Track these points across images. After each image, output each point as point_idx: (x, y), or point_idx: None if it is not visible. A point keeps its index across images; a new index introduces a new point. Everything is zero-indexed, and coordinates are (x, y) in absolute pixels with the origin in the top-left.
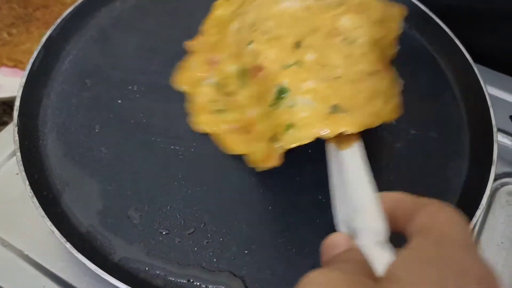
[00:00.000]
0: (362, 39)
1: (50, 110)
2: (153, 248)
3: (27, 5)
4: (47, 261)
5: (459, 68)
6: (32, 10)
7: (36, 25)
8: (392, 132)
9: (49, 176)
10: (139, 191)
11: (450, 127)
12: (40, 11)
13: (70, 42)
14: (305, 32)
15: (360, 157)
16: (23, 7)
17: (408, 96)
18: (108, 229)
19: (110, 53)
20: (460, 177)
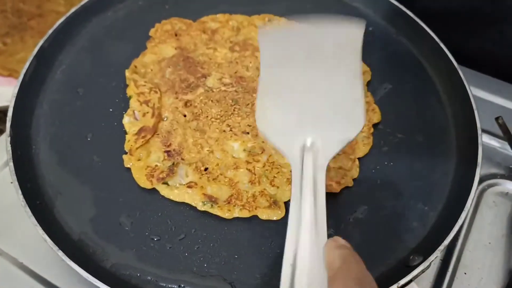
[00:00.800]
0: None
1: (43, 119)
2: (145, 254)
3: (21, 15)
4: (41, 269)
5: (444, 71)
6: (27, 19)
7: (30, 34)
8: (379, 136)
9: (42, 185)
10: (131, 198)
11: (436, 130)
12: (35, 20)
13: (62, 52)
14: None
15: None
16: (17, 16)
17: (394, 100)
18: (100, 236)
19: (102, 62)
20: (446, 179)
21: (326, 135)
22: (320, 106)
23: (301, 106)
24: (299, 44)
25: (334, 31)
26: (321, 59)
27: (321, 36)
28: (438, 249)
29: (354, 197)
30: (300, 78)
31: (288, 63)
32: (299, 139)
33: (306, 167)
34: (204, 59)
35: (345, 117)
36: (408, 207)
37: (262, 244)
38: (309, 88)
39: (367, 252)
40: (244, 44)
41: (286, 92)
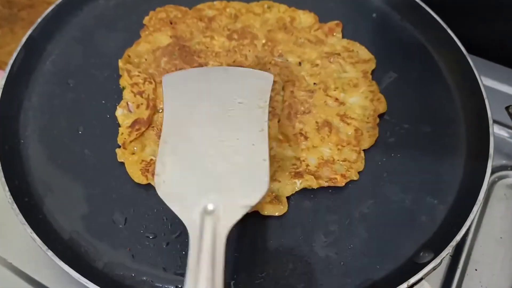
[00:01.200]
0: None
1: (31, 112)
2: (139, 253)
3: (12, 5)
4: (31, 269)
5: (452, 58)
6: (17, 10)
7: (21, 25)
8: (385, 127)
9: (31, 181)
10: (125, 194)
11: (444, 120)
12: (25, 11)
13: (51, 41)
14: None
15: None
16: (7, 7)
17: (400, 89)
18: (93, 235)
19: (93, 52)
20: (456, 171)
21: (228, 201)
22: (223, 167)
23: (203, 166)
24: (206, 91)
25: (242, 80)
26: (227, 110)
27: (229, 85)
28: (450, 245)
29: (360, 191)
30: (205, 132)
31: (192, 113)
32: (199, 204)
33: (206, 235)
34: (200, 48)
35: (248, 180)
36: (416, 201)
37: (264, 241)
38: (213, 145)
39: (374, 249)
40: (242, 32)
41: (188, 150)
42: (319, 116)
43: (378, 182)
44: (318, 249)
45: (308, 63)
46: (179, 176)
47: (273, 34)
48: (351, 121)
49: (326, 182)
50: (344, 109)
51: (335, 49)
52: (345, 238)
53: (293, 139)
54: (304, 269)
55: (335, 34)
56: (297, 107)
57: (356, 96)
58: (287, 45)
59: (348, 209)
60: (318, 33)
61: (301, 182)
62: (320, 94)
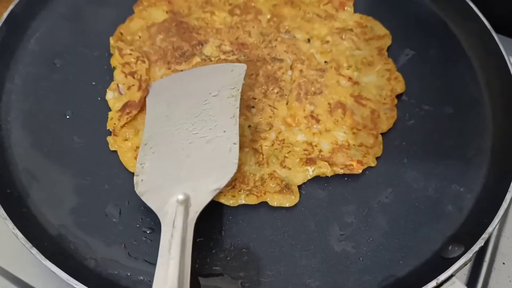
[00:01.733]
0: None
1: (14, 95)
2: (136, 249)
3: None
4: (16, 269)
5: (475, 34)
6: None
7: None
8: (403, 109)
9: (14, 171)
10: (118, 184)
11: (467, 100)
12: None
13: (36, 18)
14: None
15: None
16: None
17: (418, 67)
18: (83, 230)
19: (82, 29)
20: (482, 156)
21: (199, 187)
22: (195, 158)
23: (177, 161)
24: (185, 91)
25: (217, 73)
26: (202, 104)
27: (206, 80)
28: (482, 237)
29: (378, 178)
30: (180, 129)
31: (171, 113)
32: (171, 196)
33: (177, 223)
34: (200, 24)
35: (219, 166)
36: (440, 189)
37: (273, 235)
38: (188, 140)
39: (396, 242)
40: (245, 6)
41: (165, 149)
42: (331, 97)
43: (398, 169)
44: (333, 243)
45: (318, 40)
46: (155, 173)
47: (279, 8)
48: (367, 102)
49: (342, 169)
50: (359, 89)
51: (347, 24)
52: (364, 231)
53: (303, 122)
54: (318, 265)
55: (347, 8)
56: (307, 88)
57: (371, 75)
58: (294, 21)
59: (366, 199)
60: (327, 7)
61: (314, 169)
62: (331, 73)
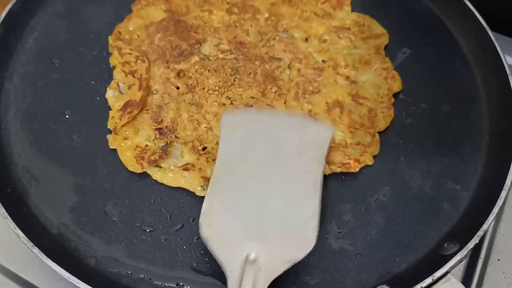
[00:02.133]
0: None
1: (13, 95)
2: (136, 248)
3: None
4: (17, 267)
5: (471, 32)
6: None
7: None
8: (400, 107)
9: (13, 170)
10: (118, 183)
11: (464, 98)
12: None
13: (34, 17)
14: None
15: None
16: None
17: (415, 66)
18: (83, 229)
19: (80, 28)
20: (479, 154)
21: (272, 253)
22: (270, 218)
23: (250, 214)
24: (263, 135)
25: (302, 129)
26: (282, 157)
27: (288, 132)
28: (477, 235)
29: (375, 177)
30: (256, 178)
31: (247, 156)
32: (241, 252)
33: (245, 285)
34: (198, 23)
35: (295, 235)
36: (437, 187)
37: None
38: (263, 193)
39: (393, 240)
40: (243, 5)
41: (238, 194)
42: (329, 96)
43: (395, 167)
44: (331, 240)
45: (316, 38)
46: (225, 220)
47: (277, 7)
48: (364, 101)
49: (339, 167)
50: (356, 88)
51: (344, 23)
52: (361, 228)
53: None
54: (316, 263)
55: (344, 7)
56: (305, 87)
57: (368, 74)
58: (292, 20)
59: (363, 197)
60: (325, 6)
61: None
62: (329, 72)
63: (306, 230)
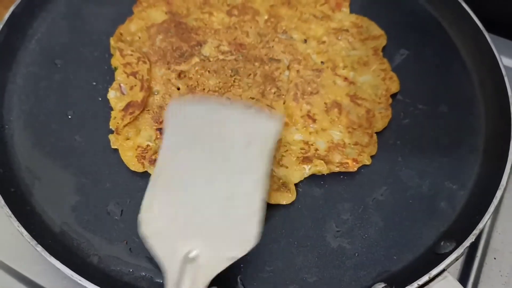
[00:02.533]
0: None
1: (16, 95)
2: (137, 246)
3: None
4: (20, 265)
5: (468, 34)
6: None
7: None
8: (398, 108)
9: (17, 170)
10: (120, 183)
11: (461, 99)
12: None
13: (37, 18)
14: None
15: None
16: None
17: (413, 67)
18: (86, 227)
19: (82, 30)
20: (475, 154)
21: (212, 251)
22: (212, 214)
23: (192, 210)
24: (209, 127)
25: (250, 122)
26: (227, 151)
27: (235, 124)
28: (473, 234)
29: (373, 176)
30: (199, 173)
31: (191, 150)
32: (181, 249)
33: (184, 283)
34: (198, 25)
35: (236, 233)
36: (434, 187)
37: (271, 232)
38: (206, 188)
39: (390, 239)
40: (243, 7)
41: (179, 190)
42: (327, 96)
43: (393, 167)
44: (330, 239)
45: (314, 40)
46: (165, 217)
47: (276, 9)
48: (362, 101)
49: (337, 167)
50: (354, 89)
51: (343, 25)
52: (359, 227)
53: (300, 121)
54: (315, 261)
55: (343, 9)
56: (304, 88)
57: (366, 75)
58: (291, 21)
59: (361, 196)
60: (324, 8)
61: (310, 167)
62: (328, 73)
63: (248, 227)
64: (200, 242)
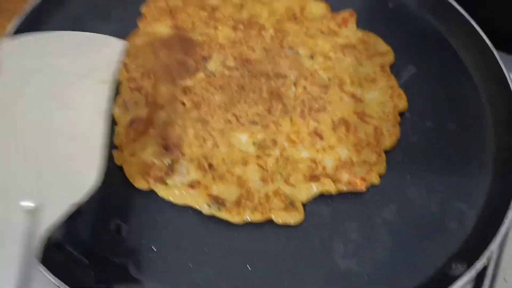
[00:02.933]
0: None
1: None
2: (141, 266)
3: None
4: None
5: (476, 51)
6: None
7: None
8: (406, 126)
9: None
10: (123, 200)
11: (470, 117)
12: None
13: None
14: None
15: None
16: None
17: (421, 84)
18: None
19: None
20: (485, 173)
21: (49, 196)
22: (49, 158)
23: (27, 157)
24: (44, 63)
25: (89, 47)
26: (65, 86)
27: (72, 55)
28: (484, 255)
29: (381, 195)
30: (35, 114)
31: (25, 89)
32: (16, 200)
33: (18, 236)
34: (204, 40)
35: (77, 174)
36: (443, 206)
37: (277, 251)
38: (43, 131)
39: (400, 259)
40: (249, 22)
41: (13, 136)
42: (334, 113)
43: (401, 186)
44: (338, 259)
45: (321, 56)
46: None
47: (282, 24)
48: (370, 119)
49: (345, 186)
50: (362, 106)
51: (349, 41)
52: (368, 247)
53: (307, 139)
54: (322, 282)
55: (349, 25)
56: (310, 104)
57: (374, 92)
58: (298, 36)
59: (370, 215)
60: (330, 23)
61: (318, 186)
62: (335, 90)
63: (88, 165)
64: (38, 191)
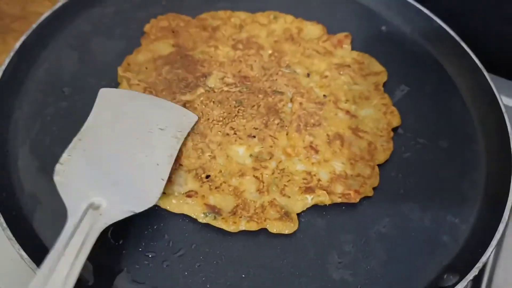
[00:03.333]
0: None
1: (22, 121)
2: (138, 273)
3: (3, 16)
4: None
5: (468, 73)
6: (9, 22)
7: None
8: (399, 141)
9: (19, 194)
10: None
11: (462, 135)
12: (18, 22)
13: (46, 48)
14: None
15: None
16: None
17: (413, 103)
18: None
19: (90, 60)
20: (477, 188)
21: (113, 201)
22: (122, 174)
23: (103, 168)
24: (133, 110)
25: (170, 110)
26: (147, 130)
27: (157, 110)
28: (476, 267)
29: (375, 208)
30: (118, 143)
31: (114, 124)
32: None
33: (83, 225)
34: (204, 57)
35: (141, 191)
36: (436, 220)
37: (272, 262)
38: (121, 155)
39: (393, 271)
40: (247, 42)
41: (97, 153)
42: (330, 128)
43: (395, 199)
44: (332, 271)
45: (317, 74)
46: (79, 168)
47: (280, 44)
48: (364, 134)
49: (339, 198)
50: (356, 122)
51: (344, 61)
52: (362, 259)
53: (302, 152)
54: None
55: (344, 46)
56: (306, 119)
57: (368, 109)
58: (295, 56)
59: (364, 228)
60: (326, 44)
61: (313, 197)
62: (330, 106)
63: (153, 189)
64: (105, 194)
